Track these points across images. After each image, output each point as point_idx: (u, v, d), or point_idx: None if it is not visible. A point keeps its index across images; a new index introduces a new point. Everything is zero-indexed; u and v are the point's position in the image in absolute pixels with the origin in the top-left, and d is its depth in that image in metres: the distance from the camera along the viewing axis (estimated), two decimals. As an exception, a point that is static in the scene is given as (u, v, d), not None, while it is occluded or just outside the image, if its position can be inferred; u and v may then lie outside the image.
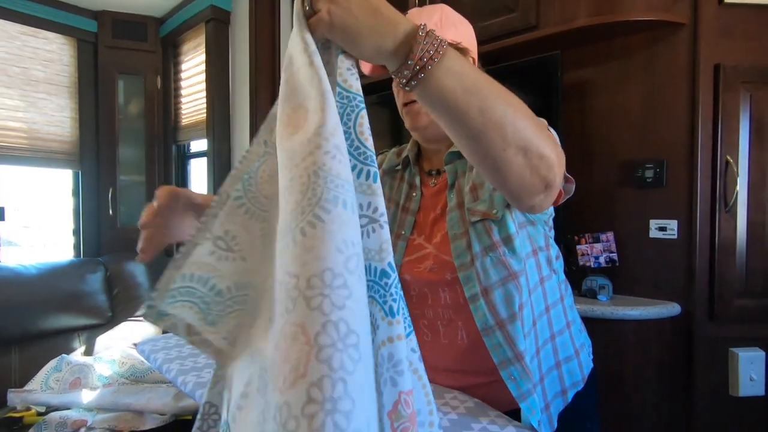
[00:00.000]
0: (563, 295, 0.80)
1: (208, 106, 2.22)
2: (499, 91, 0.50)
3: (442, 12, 0.75)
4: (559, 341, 0.78)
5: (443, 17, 0.74)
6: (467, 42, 0.76)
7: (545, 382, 0.74)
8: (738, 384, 1.29)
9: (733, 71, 1.24)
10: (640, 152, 1.36)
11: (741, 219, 1.27)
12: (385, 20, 0.45)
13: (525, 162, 0.52)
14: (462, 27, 0.77)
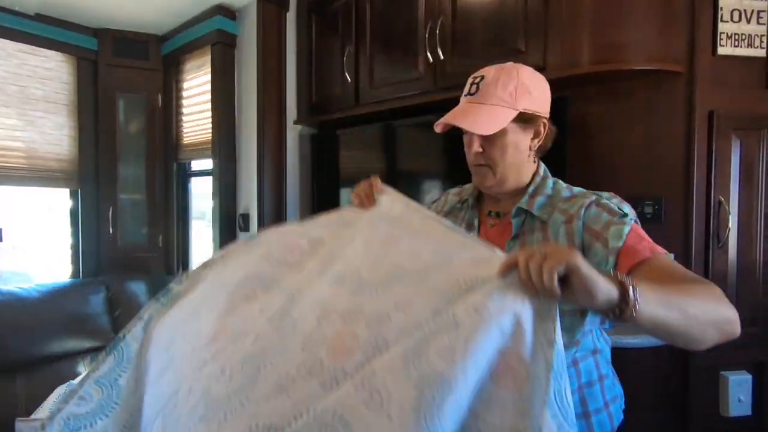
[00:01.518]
0: (598, 348, 0.85)
1: (214, 126, 2.23)
2: (690, 297, 0.62)
3: (519, 79, 0.80)
4: (587, 392, 0.83)
5: (519, 86, 0.80)
6: (539, 106, 0.83)
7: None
8: (728, 405, 1.40)
9: (725, 118, 1.34)
10: (640, 189, 1.45)
11: (732, 254, 1.37)
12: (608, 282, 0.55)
13: (717, 333, 0.65)
14: (536, 92, 0.82)
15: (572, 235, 0.78)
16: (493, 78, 0.81)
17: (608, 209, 0.78)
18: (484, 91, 0.81)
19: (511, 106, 0.80)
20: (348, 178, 2.13)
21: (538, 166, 0.91)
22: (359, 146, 2.08)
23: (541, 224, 0.83)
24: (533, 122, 0.84)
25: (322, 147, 2.19)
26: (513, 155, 0.84)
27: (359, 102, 2.02)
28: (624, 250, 0.72)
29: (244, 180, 2.22)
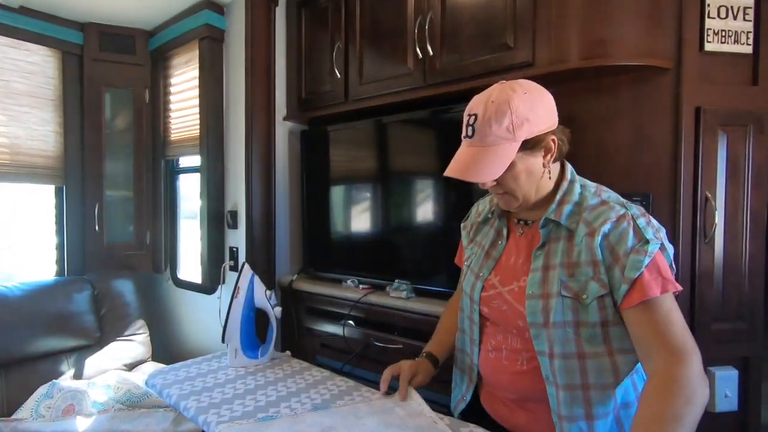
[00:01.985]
0: (636, 370, 0.84)
1: (202, 122, 2.21)
2: (673, 417, 0.69)
3: (512, 112, 0.78)
4: (623, 414, 0.83)
5: (514, 119, 0.78)
6: (542, 126, 0.81)
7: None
8: (714, 400, 1.41)
9: (712, 114, 1.35)
10: (627, 185, 1.45)
11: (718, 250, 1.38)
12: None
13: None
14: (534, 114, 0.80)
15: (593, 250, 0.79)
16: (486, 117, 0.79)
17: (636, 231, 0.78)
18: (480, 133, 0.80)
19: (511, 140, 0.79)
20: (338, 175, 2.11)
21: (564, 170, 0.90)
22: (350, 142, 2.07)
23: (567, 233, 0.84)
24: (540, 143, 0.83)
25: (312, 143, 2.18)
26: (528, 180, 0.85)
27: (349, 98, 2.00)
28: (637, 284, 0.75)
29: (232, 177, 2.20)
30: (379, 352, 1.79)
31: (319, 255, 2.18)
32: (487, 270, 0.93)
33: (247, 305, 1.31)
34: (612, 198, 0.85)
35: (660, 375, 0.73)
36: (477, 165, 0.79)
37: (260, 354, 1.31)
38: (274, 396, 1.09)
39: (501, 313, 0.88)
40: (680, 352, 0.73)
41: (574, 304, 0.79)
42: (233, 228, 2.17)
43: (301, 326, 2.11)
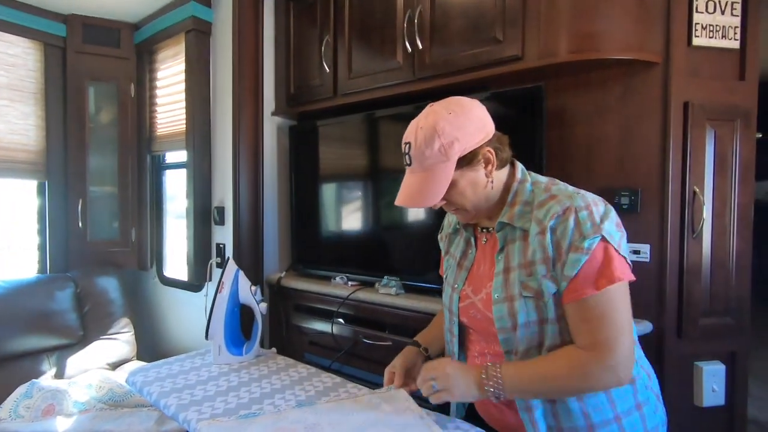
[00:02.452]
0: (633, 377, 0.82)
1: (188, 117, 2.17)
2: (552, 378, 0.79)
3: (440, 134, 0.80)
4: (626, 422, 0.82)
5: (444, 141, 0.80)
6: (474, 140, 0.82)
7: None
8: (702, 395, 1.41)
9: (700, 109, 1.35)
10: (616, 180, 1.45)
11: (706, 245, 1.38)
12: (471, 386, 0.85)
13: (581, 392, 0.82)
14: (463, 131, 0.82)
15: (544, 247, 0.80)
16: (418, 144, 0.82)
17: (577, 225, 0.78)
18: (416, 160, 0.83)
19: (445, 161, 0.81)
20: (328, 171, 2.09)
21: (514, 170, 0.91)
22: (339, 138, 2.05)
23: (522, 233, 0.84)
24: (476, 157, 0.84)
25: (301, 139, 2.15)
26: (474, 192, 0.86)
27: (338, 93, 1.98)
28: (572, 283, 0.77)
29: (219, 172, 2.16)
30: (369, 350, 1.77)
31: (308, 252, 2.15)
32: (461, 281, 0.95)
33: (232, 301, 1.28)
34: (561, 190, 0.84)
35: (574, 353, 0.79)
36: (421, 191, 0.83)
37: (245, 351, 1.29)
38: (257, 393, 1.07)
39: (477, 322, 0.90)
40: (599, 347, 0.77)
41: (537, 303, 0.81)
42: (220, 224, 2.14)
43: (290, 324, 2.09)
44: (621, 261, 0.78)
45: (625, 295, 0.79)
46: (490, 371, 0.82)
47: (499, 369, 0.82)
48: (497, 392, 0.81)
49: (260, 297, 1.32)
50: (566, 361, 0.78)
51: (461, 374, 0.84)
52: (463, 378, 0.84)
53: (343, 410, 0.94)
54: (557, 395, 0.81)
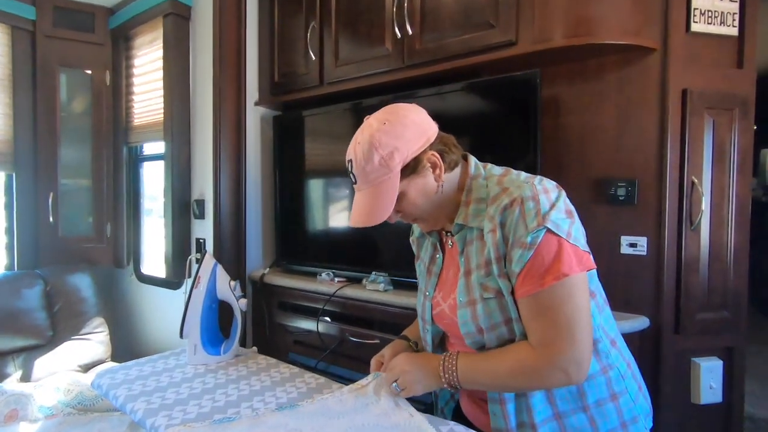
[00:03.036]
0: (605, 366, 0.80)
1: (166, 106, 2.07)
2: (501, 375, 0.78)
3: (377, 147, 0.78)
4: (595, 412, 0.79)
5: (383, 153, 0.78)
6: (415, 147, 0.79)
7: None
8: (699, 392, 1.37)
9: (699, 97, 1.31)
10: (612, 171, 1.40)
11: (704, 237, 1.34)
12: (428, 375, 0.85)
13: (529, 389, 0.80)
14: (402, 140, 0.79)
15: (497, 245, 0.77)
16: (358, 160, 0.81)
17: (523, 218, 0.74)
18: (360, 177, 0.82)
19: (388, 173, 0.79)
20: (314, 163, 2.01)
21: (467, 167, 0.86)
22: (325, 128, 1.97)
23: (478, 232, 0.81)
24: (420, 164, 0.81)
25: (286, 129, 2.06)
26: (426, 200, 0.84)
27: (324, 81, 1.90)
28: (519, 279, 0.75)
29: (200, 164, 2.06)
30: (356, 348, 1.70)
31: (293, 247, 2.07)
32: (431, 288, 0.93)
33: (209, 296, 1.19)
34: (513, 181, 0.79)
35: (524, 350, 0.76)
36: (370, 208, 0.81)
37: (223, 350, 1.20)
38: (235, 395, 0.99)
39: (451, 327, 0.88)
40: (548, 346, 0.74)
41: (500, 303, 0.78)
42: (200, 218, 2.04)
43: (273, 322, 2.00)
44: (570, 254, 0.73)
45: (577, 289, 0.73)
46: (447, 362, 0.82)
47: (455, 360, 0.81)
48: (452, 382, 0.81)
49: (240, 292, 1.24)
50: (515, 358, 0.76)
51: (419, 367, 0.86)
52: (422, 370, 0.85)
53: (328, 413, 0.86)
54: (509, 390, 0.80)
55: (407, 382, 0.85)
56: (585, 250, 0.76)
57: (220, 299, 1.23)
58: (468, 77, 1.53)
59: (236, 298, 1.22)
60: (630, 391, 0.82)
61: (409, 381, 0.85)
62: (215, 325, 1.22)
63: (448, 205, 0.86)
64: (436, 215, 0.87)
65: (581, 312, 0.74)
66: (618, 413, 0.79)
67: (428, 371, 0.84)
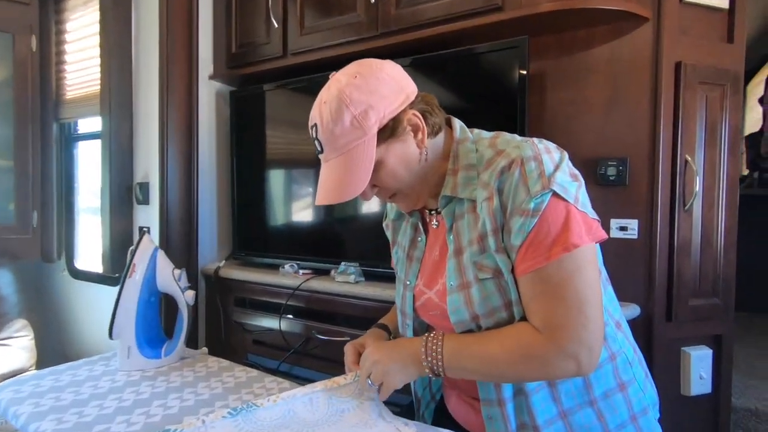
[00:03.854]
0: (613, 353, 0.70)
1: (104, 76, 1.81)
2: (498, 360, 0.65)
3: (348, 104, 0.65)
4: (604, 406, 0.68)
5: (354, 110, 0.65)
6: (394, 105, 0.67)
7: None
8: (689, 383, 1.30)
9: (692, 70, 1.23)
10: (602, 149, 1.31)
11: (696, 219, 1.27)
12: (407, 361, 0.71)
13: (527, 379, 0.67)
14: (375, 96, 0.66)
15: (493, 215, 0.65)
16: (325, 122, 0.67)
17: (525, 181, 0.62)
18: (327, 144, 0.68)
19: (362, 136, 0.66)
20: (276, 143, 1.81)
21: (451, 132, 0.74)
22: (289, 104, 1.78)
23: (470, 204, 0.69)
24: (399, 125, 0.67)
25: (245, 106, 1.85)
26: (408, 170, 0.70)
27: (287, 52, 1.71)
28: (521, 253, 0.63)
29: (143, 143, 1.82)
30: (323, 347, 1.53)
31: (253, 237, 1.86)
32: (413, 275, 0.80)
33: (147, 288, 0.98)
34: (508, 141, 0.68)
35: (527, 332, 0.64)
36: (342, 181, 0.67)
37: (164, 352, 1.00)
38: (176, 407, 0.80)
39: (438, 320, 0.75)
40: (555, 329, 0.62)
41: (498, 283, 0.66)
42: (144, 204, 1.80)
43: (229, 321, 1.79)
44: (579, 221, 0.62)
45: (588, 262, 0.62)
46: (430, 343, 0.69)
47: (441, 341, 0.68)
48: (436, 368, 0.68)
49: (186, 283, 1.04)
50: (516, 343, 0.64)
51: (394, 353, 0.72)
52: (398, 355, 0.71)
53: (295, 423, 0.69)
54: (503, 380, 0.67)
55: (381, 373, 0.71)
56: (594, 218, 0.65)
57: (162, 292, 1.03)
58: (448, 46, 1.40)
59: (182, 290, 1.02)
60: (638, 379, 0.72)
61: (383, 372, 0.70)
62: (155, 322, 1.02)
63: (432, 176, 0.73)
64: (418, 189, 0.73)
65: (593, 289, 0.62)
66: (627, 405, 0.70)
67: (406, 356, 0.70)
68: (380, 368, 0.71)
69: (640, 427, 0.70)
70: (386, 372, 0.70)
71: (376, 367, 0.71)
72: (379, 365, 0.71)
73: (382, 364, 0.71)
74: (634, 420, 0.70)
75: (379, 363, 0.71)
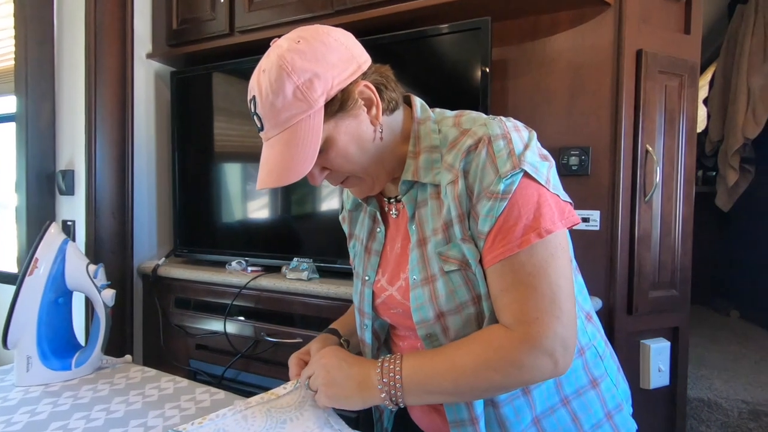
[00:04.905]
0: (582, 347, 0.64)
1: (19, 49, 1.59)
2: (464, 370, 0.56)
3: (290, 72, 0.56)
4: (577, 405, 0.62)
5: (297, 79, 0.56)
6: (343, 74, 0.58)
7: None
8: (649, 376, 1.29)
9: (653, 58, 1.22)
10: (566, 138, 1.27)
11: (656, 210, 1.26)
12: (358, 383, 0.60)
13: (499, 391, 0.59)
14: (321, 63, 0.57)
15: (458, 200, 0.58)
16: (264, 95, 0.58)
17: (493, 160, 0.55)
18: (268, 119, 0.59)
19: (307, 109, 0.57)
20: (223, 129, 1.66)
21: (411, 110, 0.66)
22: (237, 87, 1.63)
23: (434, 189, 0.63)
24: (350, 98, 0.59)
25: (187, 88, 1.69)
26: (361, 149, 0.62)
27: (234, 29, 1.57)
28: (489, 240, 0.56)
29: (67, 126, 1.62)
30: (274, 351, 1.41)
31: (196, 232, 1.70)
32: (372, 270, 0.72)
33: (52, 287, 0.83)
34: (474, 119, 0.62)
35: (495, 333, 0.57)
36: (285, 161, 0.58)
37: (75, 363, 0.85)
38: (78, 429, 0.66)
39: (401, 318, 0.68)
40: (527, 324, 0.54)
41: (466, 276, 0.59)
42: (68, 194, 1.59)
43: (170, 324, 1.62)
44: (552, 204, 0.56)
45: (561, 249, 0.56)
46: (387, 365, 0.59)
47: (399, 362, 0.59)
48: (393, 394, 0.58)
49: (104, 281, 0.89)
50: (484, 347, 0.56)
51: (349, 368, 0.62)
52: (351, 370, 0.61)
53: None
54: (475, 395, 0.59)
55: (324, 381, 0.62)
56: (566, 200, 0.59)
57: (72, 290, 0.87)
58: (408, 27, 1.31)
59: (98, 289, 0.87)
60: (610, 373, 0.67)
61: (327, 380, 0.62)
62: (63, 327, 0.86)
63: (389, 159, 0.64)
64: (374, 173, 0.64)
65: (566, 279, 0.56)
66: (601, 402, 0.64)
67: (358, 378, 0.61)
68: (325, 375, 0.62)
69: (616, 424, 0.65)
70: (331, 382, 0.61)
71: (320, 371, 0.62)
72: (326, 372, 0.62)
73: (330, 373, 0.62)
74: (609, 418, 0.64)
75: (328, 369, 0.62)
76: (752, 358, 1.89)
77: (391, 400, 0.58)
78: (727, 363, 1.82)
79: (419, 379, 0.58)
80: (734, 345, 2.05)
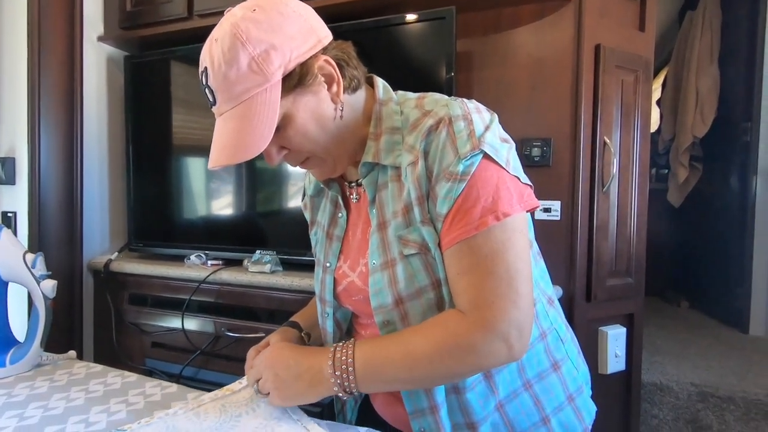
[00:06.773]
0: (543, 331, 0.64)
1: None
2: (419, 357, 0.54)
3: (245, 41, 0.53)
4: (539, 389, 0.62)
5: (252, 50, 0.53)
6: (302, 47, 0.56)
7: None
8: (606, 361, 1.33)
9: (611, 53, 1.26)
10: (528, 129, 1.29)
11: (613, 200, 1.30)
12: (309, 379, 0.58)
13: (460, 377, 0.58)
14: (278, 34, 0.54)
15: (418, 181, 0.57)
16: (217, 66, 0.54)
17: (453, 141, 0.55)
18: (221, 92, 0.56)
19: (263, 83, 0.54)
20: (180, 117, 1.59)
21: (373, 89, 0.64)
22: (196, 74, 1.57)
23: (394, 171, 0.61)
24: (309, 72, 0.57)
25: (142, 74, 1.61)
26: (320, 128, 0.60)
27: (193, 12, 1.51)
28: (447, 221, 0.55)
29: (6, 111, 1.50)
30: (235, 347, 1.37)
31: (152, 226, 1.63)
32: (333, 257, 0.70)
33: (-16, 279, 0.76)
34: (436, 101, 0.61)
35: (451, 318, 0.56)
36: (239, 138, 0.55)
37: (9, 359, 0.78)
38: (9, 428, 0.60)
39: (360, 305, 0.66)
40: (483, 308, 0.54)
41: (425, 260, 0.58)
42: (9, 184, 1.48)
43: (124, 322, 1.54)
44: (510, 187, 0.56)
45: (519, 233, 0.55)
46: (339, 354, 0.57)
47: (351, 350, 0.57)
48: (347, 385, 0.56)
49: (44, 271, 0.82)
50: (439, 332, 0.55)
51: (297, 364, 0.59)
52: (300, 367, 0.59)
53: None
54: (429, 383, 0.57)
55: (273, 383, 0.60)
56: (526, 183, 0.59)
57: (8, 281, 0.80)
58: (372, 15, 1.30)
59: (37, 280, 0.81)
60: (571, 357, 0.68)
61: (276, 383, 0.60)
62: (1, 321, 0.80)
63: (350, 140, 0.63)
64: (335, 153, 0.62)
65: (524, 262, 0.55)
66: (563, 385, 0.65)
67: (309, 368, 0.58)
68: (273, 378, 0.60)
69: (578, 407, 0.66)
70: (281, 385, 0.59)
71: (268, 374, 0.60)
72: (274, 374, 0.60)
73: (279, 375, 0.59)
74: (571, 401, 0.65)
75: (274, 370, 0.60)
76: (700, 344, 1.99)
77: (345, 391, 0.57)
78: (677, 349, 1.92)
79: (373, 368, 0.56)
80: (684, 333, 2.16)
